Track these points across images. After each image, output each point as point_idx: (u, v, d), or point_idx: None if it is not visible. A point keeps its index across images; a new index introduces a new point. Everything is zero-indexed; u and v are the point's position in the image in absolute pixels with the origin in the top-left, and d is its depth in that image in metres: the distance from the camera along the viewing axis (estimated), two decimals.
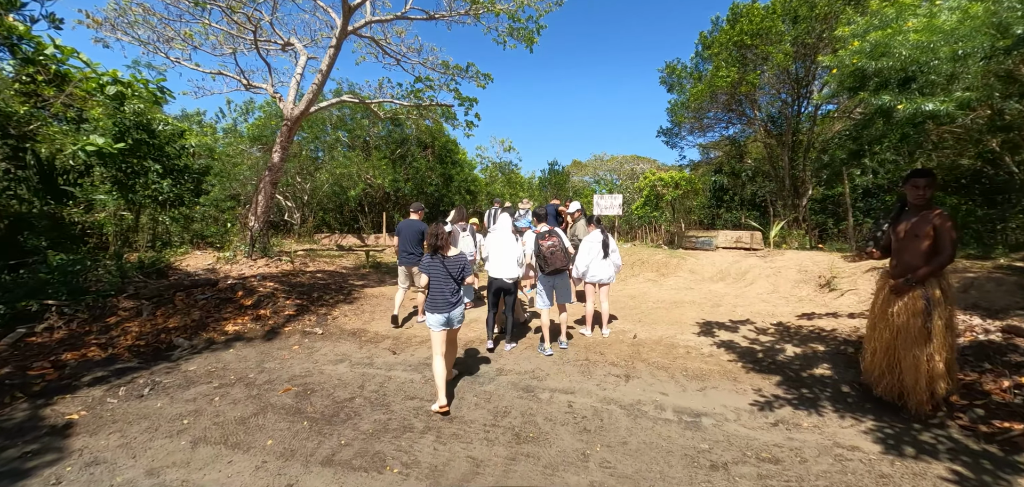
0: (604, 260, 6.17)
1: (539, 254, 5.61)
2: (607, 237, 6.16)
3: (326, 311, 7.61)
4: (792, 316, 6.65)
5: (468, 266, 4.48)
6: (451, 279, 4.28)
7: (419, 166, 20.65)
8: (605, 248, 6.14)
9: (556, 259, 5.56)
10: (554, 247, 5.59)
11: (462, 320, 4.47)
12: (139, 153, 10.52)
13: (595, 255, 6.17)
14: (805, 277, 8.15)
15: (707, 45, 14.94)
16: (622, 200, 16.22)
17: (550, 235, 5.70)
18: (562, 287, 5.86)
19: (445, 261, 4.27)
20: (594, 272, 6.17)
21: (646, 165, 50.76)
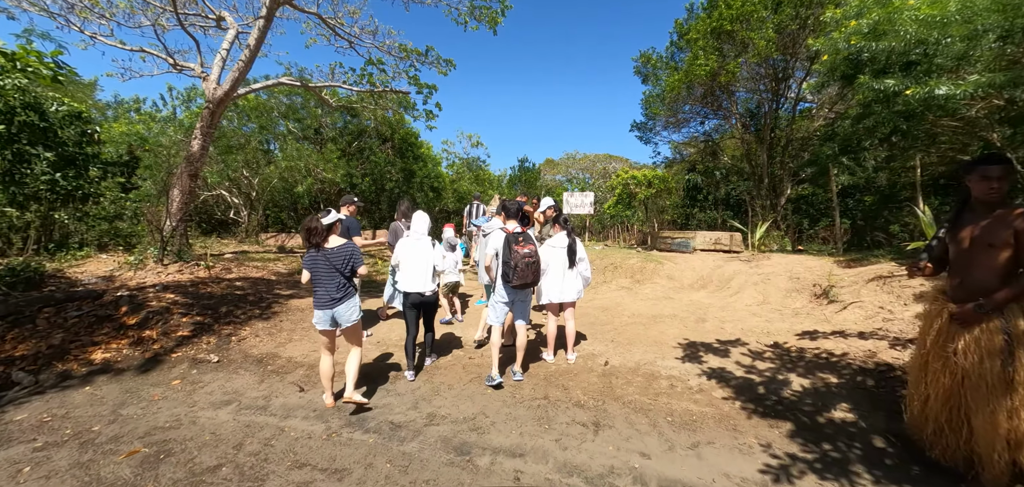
0: (569, 271, 4.98)
1: (508, 262, 4.41)
2: (574, 241, 4.98)
3: (232, 331, 6.20)
4: (790, 335, 5.62)
5: (357, 256, 4.12)
6: (337, 272, 3.97)
7: (377, 160, 19.13)
8: (571, 256, 4.96)
9: (529, 274, 4.40)
10: (531, 259, 4.41)
11: (353, 319, 4.05)
12: (25, 138, 8.79)
13: (558, 267, 4.99)
14: (798, 285, 7.19)
15: (683, 33, 14.04)
16: (594, 199, 15.16)
17: (526, 241, 4.51)
18: (523, 303, 4.72)
19: (327, 253, 3.96)
20: (556, 290, 4.97)
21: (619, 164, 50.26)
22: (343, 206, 6.52)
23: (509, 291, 4.57)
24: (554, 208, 7.09)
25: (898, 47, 7.35)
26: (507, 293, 4.59)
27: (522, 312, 4.73)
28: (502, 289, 4.60)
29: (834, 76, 8.87)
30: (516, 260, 4.33)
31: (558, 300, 4.98)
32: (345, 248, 4.04)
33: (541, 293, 5.09)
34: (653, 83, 16.88)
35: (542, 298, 5.08)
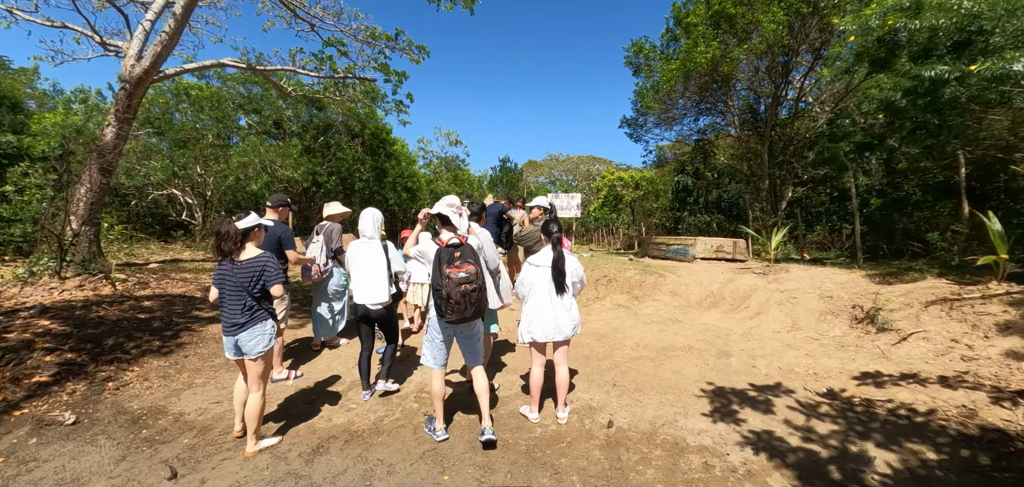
0: (558, 297, 3.61)
1: (438, 288, 3.18)
2: (561, 255, 3.60)
3: (113, 373, 4.67)
4: (845, 377, 4.34)
5: (269, 272, 3.28)
6: (243, 291, 3.20)
7: (345, 157, 17.53)
8: (558, 278, 3.58)
9: (467, 305, 3.15)
10: (470, 285, 3.15)
11: (258, 351, 3.21)
12: None
13: (542, 292, 3.62)
14: (832, 306, 5.95)
15: (681, 18, 12.86)
16: (581, 200, 13.87)
17: (464, 259, 3.22)
18: (470, 340, 3.48)
19: (236, 267, 3.22)
20: (541, 323, 3.60)
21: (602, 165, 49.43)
22: (271, 208, 5.06)
23: (444, 328, 3.39)
24: (544, 209, 5.79)
25: (947, 25, 6.18)
26: (441, 330, 3.40)
27: (472, 353, 3.50)
28: (437, 323, 3.39)
29: (861, 62, 7.70)
30: (448, 287, 3.11)
31: (543, 338, 3.60)
32: (256, 262, 3.25)
33: (521, 328, 3.72)
34: (646, 74, 15.67)
35: (523, 334, 3.71)
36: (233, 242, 3.20)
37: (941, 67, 5.83)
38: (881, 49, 7.17)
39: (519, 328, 3.77)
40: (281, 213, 5.11)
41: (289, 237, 4.86)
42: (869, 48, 7.44)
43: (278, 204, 5.11)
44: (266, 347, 3.23)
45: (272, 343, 3.30)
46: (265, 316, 3.26)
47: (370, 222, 4.20)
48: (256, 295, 3.23)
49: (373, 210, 4.29)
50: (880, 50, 7.17)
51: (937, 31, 6.25)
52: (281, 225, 4.86)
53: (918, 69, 6.02)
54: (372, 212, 4.26)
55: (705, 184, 21.57)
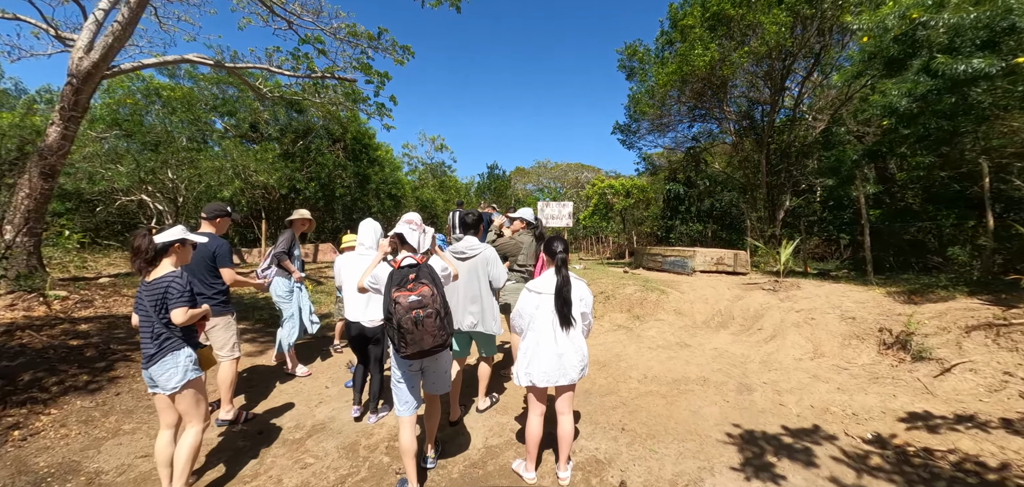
0: (564, 332, 2.96)
1: (389, 316, 2.69)
2: (566, 280, 2.94)
3: (23, 416, 3.89)
4: (890, 418, 3.74)
5: (172, 293, 2.70)
6: (151, 316, 2.70)
7: (325, 162, 16.73)
8: (563, 308, 2.92)
9: (423, 335, 2.66)
10: (423, 310, 2.65)
11: (172, 386, 2.70)
12: None
13: (544, 326, 2.98)
14: (856, 330, 5.37)
15: (677, 20, 12.36)
16: (573, 208, 13.26)
17: (419, 280, 2.74)
18: (437, 371, 3.06)
19: (145, 288, 2.73)
20: (542, 364, 2.95)
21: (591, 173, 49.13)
22: (206, 220, 4.31)
23: (402, 364, 2.91)
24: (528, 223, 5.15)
25: (982, 19, 5.70)
26: (400, 367, 2.92)
27: (437, 383, 3.08)
28: (394, 361, 2.94)
29: (873, 64, 7.21)
30: (397, 314, 2.63)
31: (544, 382, 2.94)
32: (161, 282, 2.75)
33: (518, 367, 3.05)
34: (640, 78, 15.15)
35: (520, 376, 3.04)
36: (143, 258, 2.73)
37: (977, 62, 5.31)
38: (897, 48, 6.68)
39: (515, 367, 3.10)
40: (219, 225, 4.36)
41: (225, 254, 4.10)
42: (883, 48, 6.96)
43: (215, 214, 4.35)
44: (181, 381, 2.74)
45: (191, 376, 2.78)
46: (179, 345, 2.78)
47: (371, 233, 3.92)
48: (164, 321, 2.75)
49: (373, 221, 4.06)
50: (896, 50, 6.68)
51: (963, 28, 5.76)
52: (217, 240, 4.11)
53: (952, 63, 5.49)
54: (372, 223, 4.02)
55: (697, 192, 21.16)
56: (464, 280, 3.83)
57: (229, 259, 4.12)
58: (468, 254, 3.92)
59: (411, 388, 2.94)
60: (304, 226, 5.29)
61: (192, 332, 2.91)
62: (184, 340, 2.81)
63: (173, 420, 2.86)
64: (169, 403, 2.82)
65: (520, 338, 3.12)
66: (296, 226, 5.23)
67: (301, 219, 5.22)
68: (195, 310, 2.83)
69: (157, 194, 15.96)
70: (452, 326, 2.88)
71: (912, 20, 6.19)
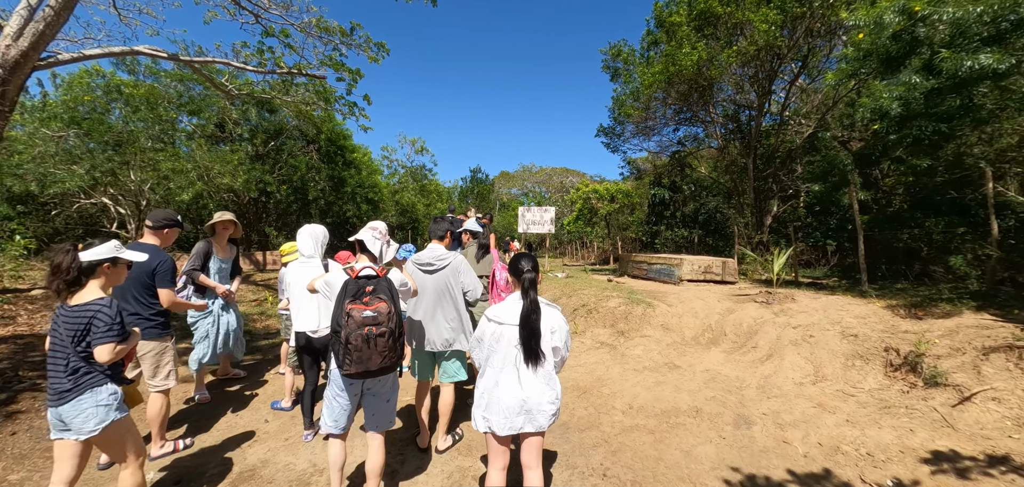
0: (528, 371, 2.40)
1: (338, 328, 2.44)
2: (534, 305, 2.38)
3: None
4: (909, 457, 3.24)
5: (98, 325, 2.24)
6: (68, 347, 2.25)
7: (298, 164, 15.96)
8: (530, 341, 2.34)
9: (372, 354, 2.41)
10: (377, 328, 2.40)
11: (88, 430, 2.25)
12: None
13: (505, 358, 2.43)
14: (859, 349, 4.90)
15: (664, 19, 11.94)
16: (554, 214, 12.73)
17: (373, 295, 2.47)
18: (378, 399, 2.73)
19: (64, 313, 2.29)
20: (502, 406, 2.40)
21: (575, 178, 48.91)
22: (150, 230, 3.68)
23: (344, 381, 2.63)
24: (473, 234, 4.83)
25: (987, 12, 5.31)
26: (341, 384, 2.65)
27: (377, 414, 2.74)
28: (336, 376, 2.66)
29: (871, 62, 6.82)
30: (347, 329, 2.39)
31: (505, 430, 2.37)
32: (85, 310, 2.27)
33: (475, 409, 2.50)
34: (625, 79, 14.71)
35: (477, 420, 2.47)
36: (63, 279, 2.28)
37: (984, 58, 4.91)
38: (895, 46, 6.29)
39: (473, 409, 2.52)
40: (165, 237, 3.72)
41: (167, 271, 3.46)
42: (880, 46, 6.57)
43: (161, 224, 3.72)
44: (101, 423, 2.28)
45: (114, 416, 2.33)
46: (100, 381, 2.32)
47: (309, 239, 3.62)
48: (83, 354, 2.29)
49: (312, 226, 3.72)
50: (894, 47, 6.29)
51: (966, 23, 5.37)
52: (160, 254, 3.47)
53: (959, 58, 5.09)
54: (311, 229, 3.69)
55: (682, 197, 20.85)
56: (433, 295, 3.41)
57: (170, 278, 3.48)
58: (436, 266, 3.44)
59: (345, 409, 2.66)
60: (227, 231, 4.60)
61: (118, 365, 2.43)
62: (108, 376, 2.36)
63: (70, 476, 2.31)
64: (73, 454, 2.30)
65: (478, 372, 2.55)
66: (218, 232, 4.55)
67: (218, 222, 4.54)
68: (124, 346, 2.32)
69: (119, 197, 15.07)
70: (403, 349, 2.62)
71: (913, 14, 5.79)
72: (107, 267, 2.39)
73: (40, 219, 16.71)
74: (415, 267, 3.48)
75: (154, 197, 15.03)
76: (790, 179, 13.22)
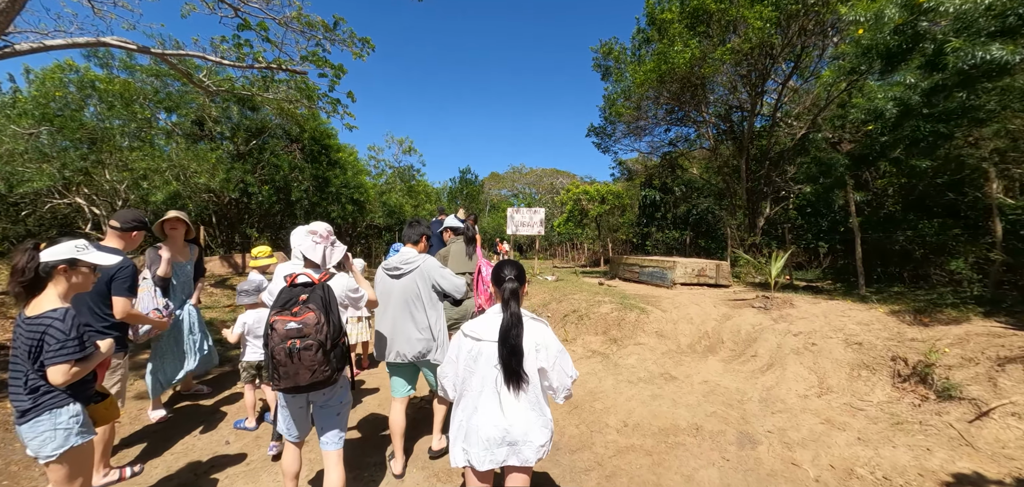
0: (510, 396, 2.06)
1: (266, 342, 2.26)
2: (517, 319, 2.02)
3: None
4: (929, 481, 2.98)
5: (50, 341, 1.96)
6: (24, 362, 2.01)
7: (281, 164, 15.49)
8: (511, 361, 1.99)
9: (299, 369, 2.21)
10: (300, 340, 2.19)
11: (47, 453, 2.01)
12: None
13: (484, 382, 2.09)
14: (865, 358, 4.64)
15: (655, 16, 11.69)
16: (544, 216, 12.42)
17: (305, 305, 2.27)
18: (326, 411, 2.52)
19: (21, 320, 2.05)
20: (483, 437, 2.05)
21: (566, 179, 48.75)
22: (115, 233, 3.32)
23: (283, 396, 2.50)
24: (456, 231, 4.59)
25: (995, 5, 5.10)
26: (282, 399, 2.53)
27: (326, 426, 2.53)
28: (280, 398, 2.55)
29: (871, 57, 6.61)
30: (272, 343, 2.21)
31: (486, 464, 2.05)
32: (39, 323, 1.97)
33: (452, 443, 2.16)
34: (616, 78, 14.46)
35: (455, 455, 2.14)
36: (19, 281, 2.02)
37: (996, 50, 4.69)
38: (896, 41, 6.07)
39: (450, 443, 2.19)
40: (131, 239, 3.35)
41: (125, 278, 3.09)
42: (879, 42, 6.35)
43: (128, 225, 3.35)
44: (59, 449, 2.03)
45: (74, 442, 2.07)
46: (61, 402, 2.05)
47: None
48: (40, 372, 2.02)
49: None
50: (895, 42, 6.07)
51: (974, 15, 5.16)
52: (122, 260, 3.09)
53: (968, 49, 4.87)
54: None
55: (673, 199, 20.67)
56: (399, 301, 3.14)
57: (129, 286, 3.09)
58: (403, 270, 3.16)
59: (295, 418, 2.52)
60: (177, 231, 4.19)
61: (87, 379, 2.19)
62: (72, 394, 2.09)
63: None
64: None
65: (455, 407, 2.20)
66: (167, 234, 4.14)
67: (166, 221, 4.12)
68: (82, 367, 2.05)
69: (94, 197, 14.49)
70: (342, 360, 2.40)
71: (916, 7, 5.57)
72: (64, 270, 2.07)
73: (10, 220, 16.04)
74: (382, 273, 3.23)
75: (130, 197, 14.47)
76: (783, 180, 13.05)
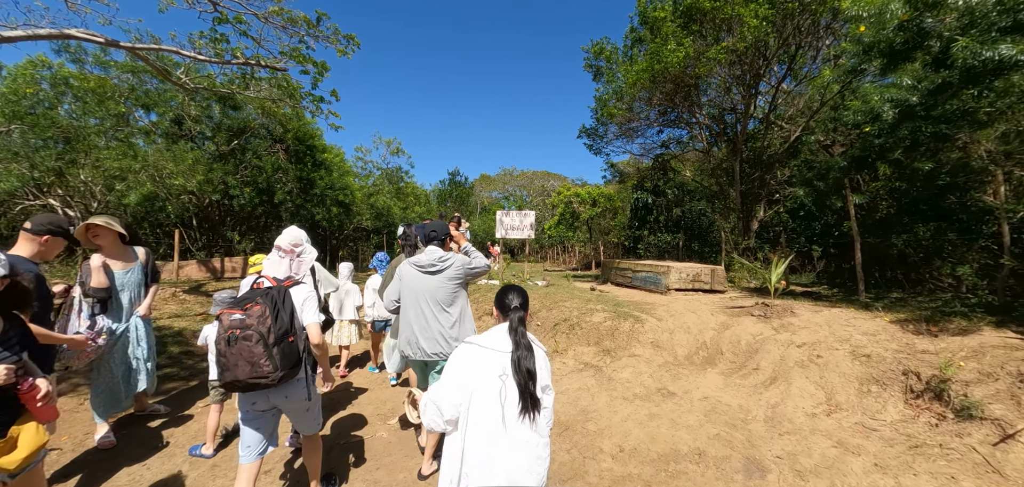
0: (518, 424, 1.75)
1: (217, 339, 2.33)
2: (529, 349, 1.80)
3: None
4: None
5: None
6: None
7: (264, 165, 15.02)
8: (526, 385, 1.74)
9: (237, 360, 2.23)
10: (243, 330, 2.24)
11: None
12: None
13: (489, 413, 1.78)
14: (874, 372, 4.36)
15: (647, 15, 11.42)
16: (534, 220, 12.09)
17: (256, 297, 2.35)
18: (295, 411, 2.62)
19: None
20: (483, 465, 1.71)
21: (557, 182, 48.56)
22: (28, 236, 2.94)
23: (239, 401, 2.53)
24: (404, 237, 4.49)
25: (1008, 0, 4.88)
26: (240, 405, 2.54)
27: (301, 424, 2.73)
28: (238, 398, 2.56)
29: (873, 56, 6.37)
30: (217, 334, 2.31)
31: None
32: None
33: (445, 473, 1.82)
34: (608, 78, 14.19)
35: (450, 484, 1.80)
36: None
37: (1005, 48, 4.45)
38: (901, 37, 5.82)
39: (441, 472, 1.83)
40: (44, 246, 2.97)
41: (37, 291, 2.69)
42: (882, 40, 6.11)
43: (41, 229, 2.97)
44: None
45: None
46: None
47: None
48: None
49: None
50: (900, 39, 5.83)
51: (983, 10, 4.92)
52: (31, 269, 2.71)
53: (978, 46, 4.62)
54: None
55: (666, 202, 20.46)
56: (428, 298, 3.16)
57: (30, 304, 2.69)
58: (438, 267, 3.21)
59: (256, 428, 2.50)
60: (101, 240, 3.74)
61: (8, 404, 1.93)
62: None
63: None
64: None
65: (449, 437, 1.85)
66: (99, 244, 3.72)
67: (88, 228, 3.70)
68: None
69: (69, 199, 13.92)
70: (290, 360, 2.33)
71: (922, 2, 5.33)
72: None
73: None
74: (412, 269, 3.22)
75: (106, 199, 13.92)
76: (777, 183, 12.85)
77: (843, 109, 10.82)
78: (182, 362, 5.80)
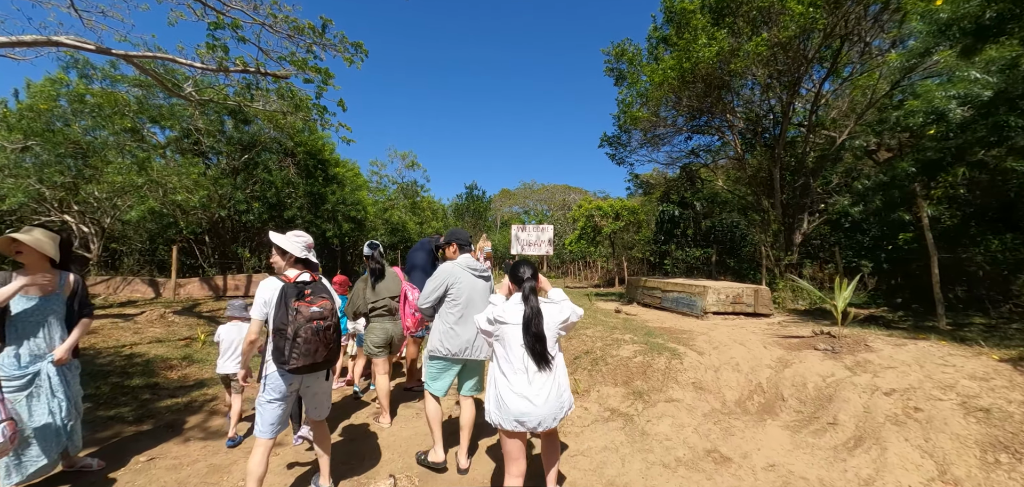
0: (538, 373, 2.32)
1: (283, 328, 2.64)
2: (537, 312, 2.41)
3: None
4: None
5: None
6: None
7: (273, 180, 14.53)
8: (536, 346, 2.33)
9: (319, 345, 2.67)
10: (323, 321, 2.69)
11: None
12: None
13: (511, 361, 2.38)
14: (999, 434, 3.29)
15: (673, 10, 10.48)
16: (552, 234, 11.16)
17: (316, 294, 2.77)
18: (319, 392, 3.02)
19: None
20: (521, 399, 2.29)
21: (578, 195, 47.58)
22: None
23: (286, 378, 2.69)
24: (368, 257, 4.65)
25: None
26: (283, 382, 2.69)
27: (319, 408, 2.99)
28: (275, 377, 2.69)
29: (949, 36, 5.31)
30: (296, 323, 2.56)
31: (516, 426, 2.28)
32: None
33: (489, 405, 2.42)
34: (632, 81, 13.24)
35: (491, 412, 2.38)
36: None
37: None
38: (993, 8, 4.77)
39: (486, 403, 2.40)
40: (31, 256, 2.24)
41: None
42: (964, 15, 5.06)
43: None
44: None
45: None
46: None
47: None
48: None
49: None
50: (993, 9, 4.78)
51: None
52: None
53: None
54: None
55: (694, 214, 19.28)
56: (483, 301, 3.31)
57: None
58: (486, 272, 3.55)
59: (283, 409, 2.74)
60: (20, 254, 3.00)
61: None
62: None
63: None
64: None
65: None
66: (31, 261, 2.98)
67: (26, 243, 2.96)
68: None
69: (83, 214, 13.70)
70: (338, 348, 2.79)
71: None
72: None
73: None
74: (468, 274, 3.39)
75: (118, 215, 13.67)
76: (824, 191, 11.64)
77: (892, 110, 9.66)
78: (138, 397, 5.02)
